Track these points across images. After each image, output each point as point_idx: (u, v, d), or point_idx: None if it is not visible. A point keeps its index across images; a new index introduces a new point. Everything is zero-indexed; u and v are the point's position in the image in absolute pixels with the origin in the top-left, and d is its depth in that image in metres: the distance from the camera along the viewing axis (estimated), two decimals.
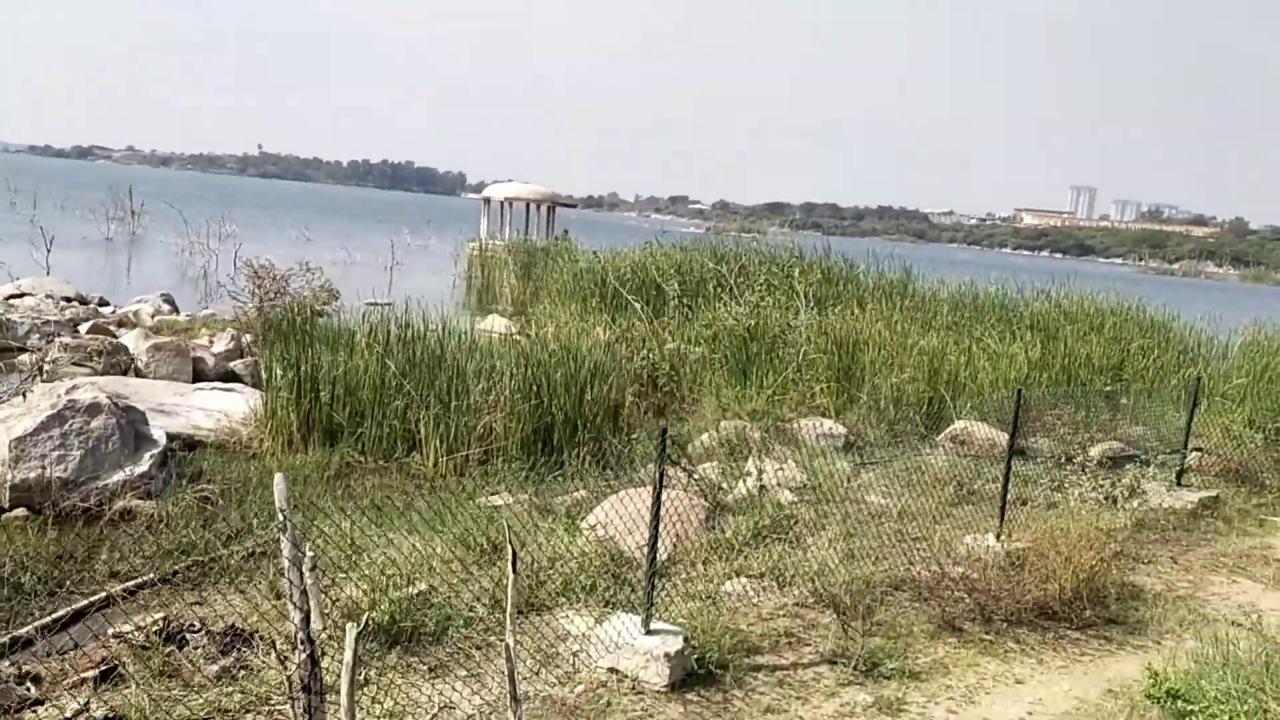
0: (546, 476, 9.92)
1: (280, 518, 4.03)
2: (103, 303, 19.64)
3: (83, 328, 15.54)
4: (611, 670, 5.84)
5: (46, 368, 11.46)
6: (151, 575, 7.05)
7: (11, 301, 16.70)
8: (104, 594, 6.75)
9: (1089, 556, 7.33)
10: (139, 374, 12.75)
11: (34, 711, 5.33)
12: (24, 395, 8.81)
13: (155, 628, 6.24)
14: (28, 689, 5.55)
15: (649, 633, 5.90)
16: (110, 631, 6.15)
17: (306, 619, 4.08)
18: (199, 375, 13.15)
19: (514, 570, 4.91)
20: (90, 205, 44.79)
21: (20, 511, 8.40)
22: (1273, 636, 6.08)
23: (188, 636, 6.24)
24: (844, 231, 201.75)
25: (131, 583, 6.99)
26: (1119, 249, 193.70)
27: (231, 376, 13.44)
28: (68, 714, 5.21)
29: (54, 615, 6.38)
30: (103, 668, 5.72)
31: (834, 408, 13.88)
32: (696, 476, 8.86)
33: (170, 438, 10.37)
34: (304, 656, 4.04)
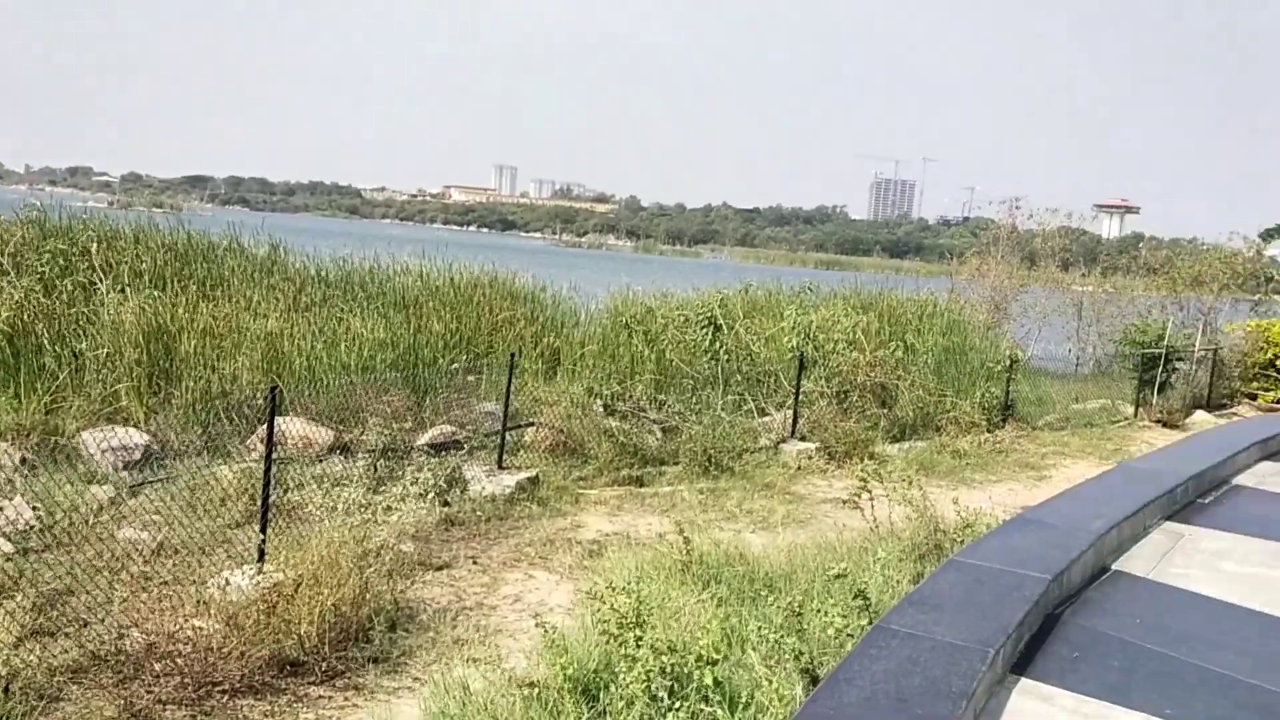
0: None
1: None
2: None
3: None
4: None
5: None
6: None
7: None
8: None
9: (345, 582, 6.09)
10: None
11: None
12: None
13: None
14: None
15: None
16: None
17: None
18: None
19: None
20: None
21: None
22: (514, 668, 5.26)
23: None
24: (274, 207, 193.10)
25: None
26: (538, 224, 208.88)
27: None
28: None
29: None
30: None
31: (144, 412, 11.52)
32: None
33: None
34: None
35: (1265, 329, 21.43)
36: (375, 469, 9.34)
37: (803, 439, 13.26)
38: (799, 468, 12.37)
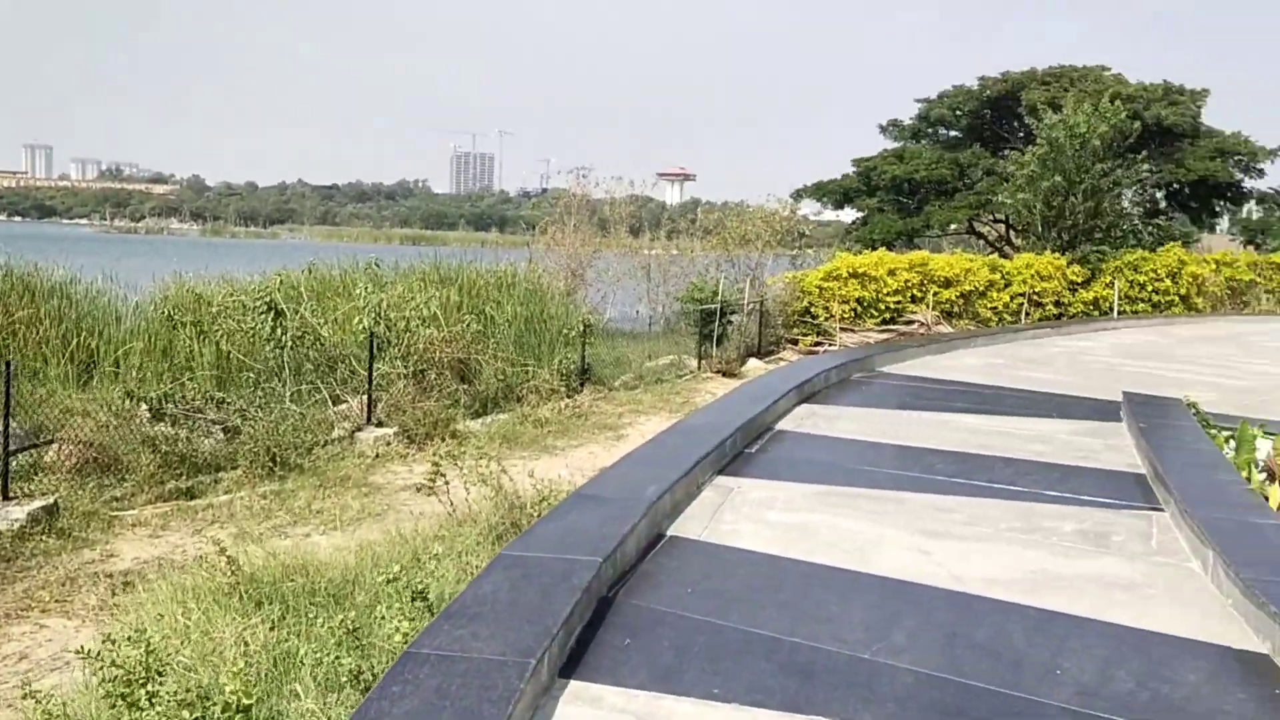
0: None
1: None
2: None
3: None
4: None
5: None
6: None
7: None
8: None
9: None
10: None
11: None
12: None
13: None
14: None
15: None
16: None
17: None
18: None
19: None
20: None
21: None
22: None
23: None
24: None
25: None
26: (82, 209, 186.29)
27: None
28: None
29: None
30: None
31: None
32: None
33: None
34: None
35: (800, 280, 23.96)
36: None
37: (380, 424, 12.60)
38: (377, 455, 11.73)
